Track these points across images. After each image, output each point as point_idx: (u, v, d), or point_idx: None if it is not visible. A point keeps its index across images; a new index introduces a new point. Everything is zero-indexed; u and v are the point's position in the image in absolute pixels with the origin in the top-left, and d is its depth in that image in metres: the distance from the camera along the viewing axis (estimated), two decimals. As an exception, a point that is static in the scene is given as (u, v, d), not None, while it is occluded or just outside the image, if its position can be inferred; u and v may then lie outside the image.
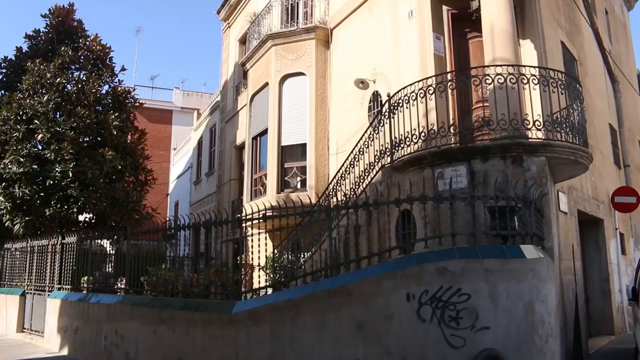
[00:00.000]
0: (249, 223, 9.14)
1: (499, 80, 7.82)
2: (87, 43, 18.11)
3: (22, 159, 15.16)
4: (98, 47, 18.17)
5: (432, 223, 7.39)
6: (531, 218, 6.57)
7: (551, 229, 7.73)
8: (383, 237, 6.85)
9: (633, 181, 15.36)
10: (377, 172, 9.51)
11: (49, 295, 12.51)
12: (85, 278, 11.77)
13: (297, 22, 14.77)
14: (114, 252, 12.29)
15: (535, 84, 7.98)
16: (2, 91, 18.14)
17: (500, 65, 7.98)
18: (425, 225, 7.78)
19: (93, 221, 17.23)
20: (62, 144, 15.26)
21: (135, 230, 11.75)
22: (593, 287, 12.07)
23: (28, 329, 13.69)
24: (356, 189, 9.88)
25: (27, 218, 15.49)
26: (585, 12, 13.67)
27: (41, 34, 18.45)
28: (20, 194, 14.97)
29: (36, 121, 15.57)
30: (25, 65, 16.89)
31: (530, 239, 6.34)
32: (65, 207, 15.34)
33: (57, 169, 14.94)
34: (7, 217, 15.65)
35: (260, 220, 8.37)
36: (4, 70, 18.44)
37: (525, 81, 7.92)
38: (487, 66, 8.25)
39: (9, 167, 15.13)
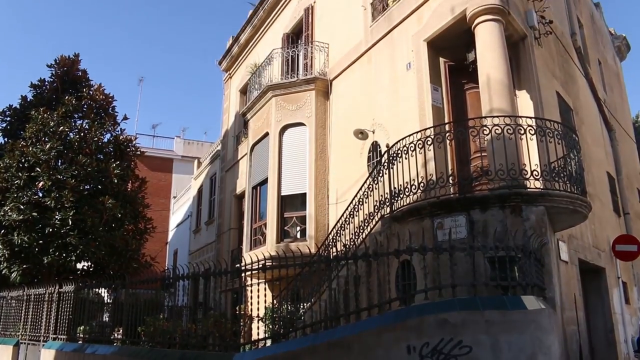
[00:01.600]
0: (248, 273, 9.07)
1: (496, 131, 7.92)
2: (91, 92, 18.40)
3: (22, 207, 15.17)
4: (101, 96, 18.46)
5: (432, 274, 7.33)
6: (531, 268, 6.53)
7: (552, 279, 7.68)
8: (383, 288, 6.79)
9: (633, 229, 15.33)
10: (376, 223, 9.51)
11: (43, 345, 12.28)
12: (82, 328, 11.59)
13: (297, 73, 15.03)
14: (111, 301, 12.15)
15: (532, 134, 8.09)
16: (6, 139, 18.30)
17: (498, 116, 8.11)
18: (425, 276, 7.73)
19: (91, 269, 17.10)
20: (63, 192, 15.30)
21: (133, 279, 11.65)
22: (598, 337, 11.87)
23: (21, 381, 13.37)
24: (356, 240, 9.86)
25: (24, 266, 15.38)
26: (579, 62, 13.97)
27: (46, 83, 18.76)
28: (19, 241, 14.92)
29: (38, 169, 15.66)
30: (30, 113, 17.11)
31: (531, 290, 6.29)
32: (64, 255, 15.27)
33: (56, 217, 14.95)
34: (5, 264, 15.55)
35: (260, 270, 8.31)
36: (8, 119, 18.66)
37: (522, 131, 8.03)
38: (485, 117, 8.37)
39: (9, 214, 15.13)
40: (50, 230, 15.00)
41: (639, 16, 74.63)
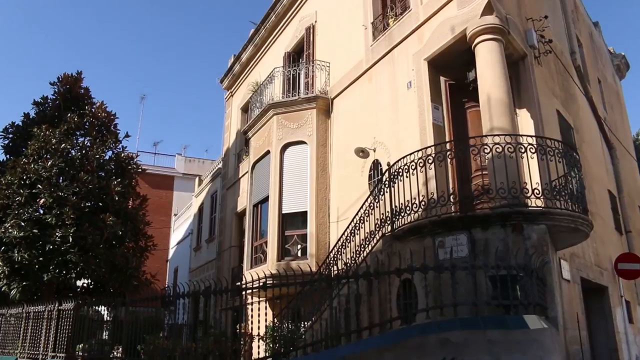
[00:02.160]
0: (248, 291, 9.04)
1: (497, 150, 7.94)
2: (93, 110, 18.46)
3: (23, 223, 15.15)
4: (103, 114, 18.52)
5: (434, 292, 7.31)
6: (533, 287, 6.51)
7: (554, 298, 7.63)
8: (384, 307, 6.77)
9: (636, 247, 15.29)
10: (377, 241, 9.48)
11: (42, 363, 12.20)
12: (81, 346, 11.51)
13: (298, 92, 15.11)
14: (111, 319, 12.09)
15: (533, 153, 8.10)
16: (8, 156, 18.34)
17: (498, 135, 8.13)
18: (427, 295, 7.69)
19: (91, 287, 17.03)
20: (64, 209, 15.29)
21: (133, 297, 11.60)
22: (601, 357, 11.76)
23: (18, 400, 13.24)
24: (357, 258, 9.83)
25: (24, 283, 15.31)
26: (578, 81, 14.04)
27: (49, 100, 18.82)
28: (19, 258, 14.87)
29: (39, 186, 15.66)
30: (32, 130, 17.15)
31: (533, 309, 6.27)
32: (64, 272, 15.21)
33: (57, 234, 14.92)
34: (4, 281, 15.48)
35: (260, 289, 8.28)
36: (10, 136, 18.71)
37: (523, 150, 8.05)
38: (485, 136, 8.40)
39: (10, 231, 15.10)
40: (51, 247, 14.96)
41: (638, 35, 75.20)
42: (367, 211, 9.96)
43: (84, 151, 16.81)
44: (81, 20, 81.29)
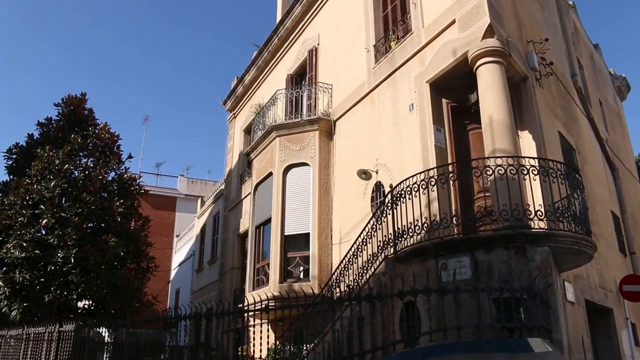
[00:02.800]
0: (250, 313, 8.99)
1: (500, 172, 7.95)
2: (97, 131, 18.53)
3: (25, 244, 15.12)
4: (107, 135, 18.60)
5: (437, 315, 7.25)
6: (537, 309, 6.47)
7: (559, 320, 7.57)
8: (387, 330, 6.72)
9: (640, 269, 15.19)
10: (380, 263, 9.45)
11: (42, 386, 12.08)
12: (81, 368, 11.40)
13: (301, 114, 15.17)
14: (112, 340, 11.99)
15: (535, 175, 8.10)
16: (11, 176, 18.39)
17: (500, 157, 8.14)
18: (430, 317, 7.60)
19: (92, 308, 16.94)
20: (66, 230, 15.27)
21: (134, 318, 11.53)
22: (607, 380, 11.65)
23: None
24: (359, 280, 9.79)
25: (25, 304, 15.23)
26: (580, 102, 14.09)
27: (53, 121, 18.92)
28: (21, 279, 14.81)
29: (42, 206, 15.66)
30: (36, 151, 17.22)
31: (538, 332, 6.22)
32: (65, 293, 15.13)
33: (59, 255, 14.88)
34: (5, 302, 15.40)
35: (262, 311, 8.24)
36: (14, 156, 18.77)
37: (525, 172, 8.06)
38: (487, 158, 8.41)
39: (12, 251, 15.07)
40: (52, 268, 14.92)
41: (638, 57, 75.63)
42: (369, 233, 9.94)
43: (87, 172, 16.85)
44: (87, 42, 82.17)
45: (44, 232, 15.80)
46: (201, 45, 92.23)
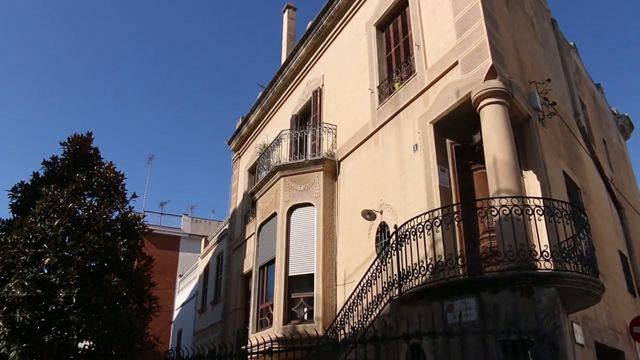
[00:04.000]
0: (254, 356, 8.85)
1: (504, 212, 7.92)
2: (102, 170, 18.57)
3: (26, 283, 15.00)
4: (112, 174, 18.65)
5: (443, 358, 7.14)
6: (545, 352, 6.34)
7: (568, 364, 7.42)
8: (393, 374, 6.59)
9: (650, 309, 14.94)
10: (385, 305, 9.34)
11: None
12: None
13: (305, 154, 15.23)
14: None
15: (541, 215, 8.07)
16: (15, 215, 18.40)
17: (505, 197, 8.12)
18: (436, 360, 7.50)
19: (93, 349, 16.70)
20: (69, 269, 15.17)
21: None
22: None
23: None
24: (364, 322, 9.66)
25: (24, 344, 15.00)
26: (583, 142, 14.13)
27: (58, 160, 18.98)
28: (21, 319, 14.63)
29: (45, 245, 15.60)
30: (40, 190, 17.25)
31: (546, 376, 6.08)
32: (66, 333, 14.93)
33: (61, 294, 14.74)
34: (4, 343, 15.18)
35: (266, 353, 8.11)
36: (19, 195, 18.81)
37: (530, 212, 8.02)
38: (492, 198, 8.39)
39: (13, 290, 14.94)
40: (54, 307, 14.76)
41: (640, 97, 76.19)
42: (374, 274, 9.86)
43: (91, 211, 16.83)
44: (93, 84, 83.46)
45: (46, 271, 15.69)
46: (207, 85, 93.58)
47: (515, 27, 12.05)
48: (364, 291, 10.00)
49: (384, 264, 9.61)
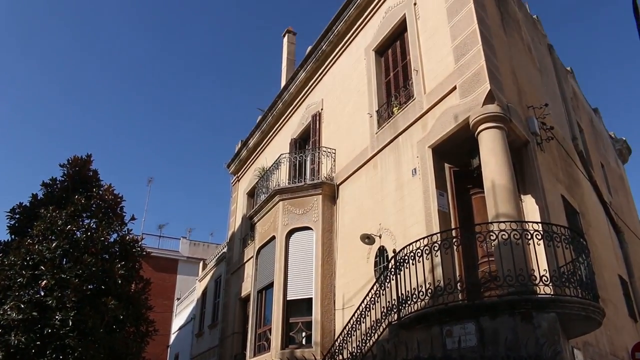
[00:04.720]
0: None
1: (503, 237, 7.91)
2: (101, 192, 18.52)
3: (22, 305, 14.87)
4: (110, 196, 18.60)
5: (443, 384, 7.06)
6: (546, 379, 6.29)
7: (569, 391, 7.35)
8: (391, 401, 6.52)
9: (651, 335, 14.81)
10: (384, 330, 9.27)
11: None
12: None
13: (304, 178, 15.22)
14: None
15: (539, 239, 8.05)
16: (13, 236, 18.32)
17: (504, 222, 8.12)
18: (436, 387, 7.42)
19: (88, 373, 16.50)
20: (66, 292, 15.06)
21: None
22: None
23: None
24: (363, 347, 9.58)
25: (18, 369, 14.85)
26: (582, 166, 14.16)
27: (57, 182, 18.93)
28: (16, 342, 14.47)
29: (42, 267, 15.51)
30: (39, 211, 17.20)
31: (547, 404, 6.02)
32: (61, 357, 14.76)
33: (57, 317, 14.61)
34: (-2, 366, 15.02)
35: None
36: (17, 216, 18.75)
37: (529, 237, 8.02)
38: (491, 222, 8.38)
39: (8, 313, 14.80)
40: (50, 330, 14.61)
41: (638, 120, 76.60)
42: (373, 299, 9.81)
43: (89, 233, 16.76)
44: (92, 105, 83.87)
45: (42, 294, 15.57)
46: (207, 108, 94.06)
47: (513, 52, 12.17)
48: (363, 316, 9.93)
49: (382, 288, 9.57)
